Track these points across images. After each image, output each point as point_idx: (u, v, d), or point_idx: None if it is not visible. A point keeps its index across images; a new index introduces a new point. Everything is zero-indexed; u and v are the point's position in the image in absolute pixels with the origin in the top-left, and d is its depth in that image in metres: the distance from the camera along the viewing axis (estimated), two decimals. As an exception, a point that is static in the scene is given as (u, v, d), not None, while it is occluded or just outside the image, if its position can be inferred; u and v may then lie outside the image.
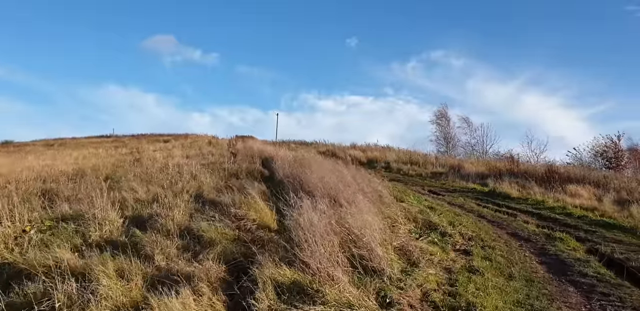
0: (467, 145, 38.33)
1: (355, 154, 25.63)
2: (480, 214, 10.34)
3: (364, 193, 7.81)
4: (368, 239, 4.87)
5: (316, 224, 4.98)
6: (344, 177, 8.77)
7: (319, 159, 12.04)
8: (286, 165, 10.12)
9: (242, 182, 9.95)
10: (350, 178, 8.99)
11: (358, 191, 7.70)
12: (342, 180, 8.58)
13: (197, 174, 10.66)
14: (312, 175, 8.26)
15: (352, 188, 7.95)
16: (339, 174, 8.93)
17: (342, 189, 7.38)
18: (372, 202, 7.66)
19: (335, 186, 7.52)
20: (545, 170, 16.82)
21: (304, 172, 8.59)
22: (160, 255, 5.26)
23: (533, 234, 8.38)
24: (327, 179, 7.99)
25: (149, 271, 4.79)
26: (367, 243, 4.83)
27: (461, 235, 7.29)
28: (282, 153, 13.78)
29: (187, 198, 8.32)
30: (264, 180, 10.98)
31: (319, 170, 9.30)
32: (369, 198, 7.63)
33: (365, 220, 5.43)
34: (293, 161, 10.78)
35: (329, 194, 7.24)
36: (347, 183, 8.40)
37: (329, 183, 7.70)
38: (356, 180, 8.92)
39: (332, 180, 8.01)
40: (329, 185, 7.64)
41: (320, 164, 10.12)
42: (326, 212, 5.68)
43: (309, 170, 9.15)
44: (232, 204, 7.32)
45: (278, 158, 12.15)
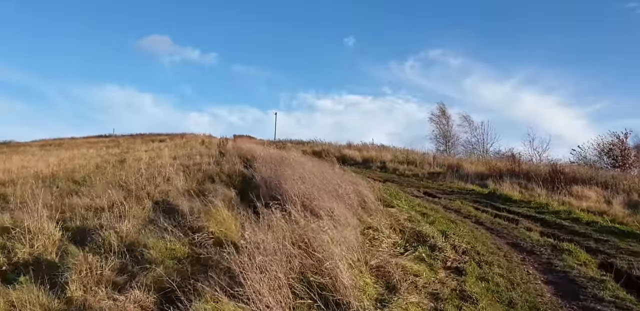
0: (467, 144, 37.30)
1: (351, 154, 24.62)
2: (478, 220, 9.31)
3: (344, 200, 6.80)
4: (331, 264, 3.86)
5: (267, 244, 3.98)
6: (327, 180, 7.76)
7: (302, 160, 11.02)
8: (265, 168, 9.10)
9: (215, 186, 8.96)
10: (334, 181, 7.97)
11: (337, 197, 6.68)
12: (324, 184, 7.57)
13: (171, 177, 9.66)
14: (288, 179, 7.25)
15: (331, 193, 6.94)
16: (321, 177, 7.91)
17: (317, 196, 6.36)
18: (354, 209, 6.65)
19: (310, 192, 6.50)
20: (549, 170, 15.77)
21: (282, 176, 7.59)
22: (77, 283, 4.25)
23: (537, 244, 7.35)
24: (302, 185, 6.98)
25: (52, 307, 3.79)
26: (330, 269, 3.82)
27: (454, 247, 6.27)
28: (264, 153, 12.76)
29: (148, 206, 7.34)
30: (243, 184, 10.00)
31: (300, 172, 8.29)
32: (350, 205, 6.62)
33: (333, 237, 4.42)
34: (273, 163, 9.76)
35: (302, 202, 6.23)
36: (328, 188, 7.39)
37: (304, 188, 6.69)
38: (339, 183, 7.90)
39: (309, 185, 7.00)
40: (305, 191, 6.62)
41: (302, 166, 9.09)
42: (284, 228, 4.66)
43: (289, 173, 8.16)
44: (191, 213, 6.31)
45: (260, 159, 11.13)
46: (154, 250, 5.12)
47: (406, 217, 7.71)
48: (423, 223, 7.38)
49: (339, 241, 4.48)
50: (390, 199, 9.76)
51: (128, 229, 5.80)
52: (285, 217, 5.49)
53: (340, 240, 4.51)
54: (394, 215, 7.70)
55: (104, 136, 49.55)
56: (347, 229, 5.29)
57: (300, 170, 8.60)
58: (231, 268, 3.80)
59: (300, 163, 9.66)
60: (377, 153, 23.97)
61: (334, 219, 5.42)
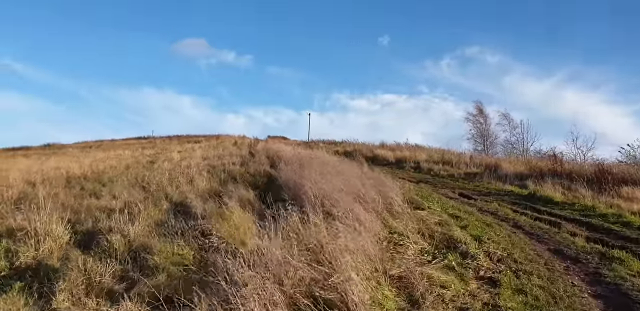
0: (507, 143, 35.90)
1: (383, 154, 24.00)
2: (516, 224, 8.60)
3: (368, 202, 6.31)
4: (340, 277, 3.38)
5: (273, 254, 3.54)
6: (350, 182, 7.28)
7: (328, 160, 10.57)
8: (289, 168, 8.70)
9: (237, 186, 8.63)
10: (359, 182, 7.49)
11: (360, 199, 6.19)
12: (347, 185, 7.10)
13: (194, 178, 9.40)
14: (309, 180, 6.82)
15: (354, 195, 6.46)
16: (345, 178, 7.44)
17: (338, 198, 5.89)
18: (378, 212, 6.15)
19: (331, 194, 6.04)
20: (594, 170, 14.71)
21: (303, 176, 7.17)
22: (66, 292, 3.93)
23: (582, 251, 6.64)
24: (324, 185, 6.53)
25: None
26: (339, 283, 3.35)
27: (488, 255, 5.67)
28: (290, 153, 12.38)
29: (164, 207, 7.06)
30: (267, 184, 9.65)
31: (322, 173, 7.85)
32: (373, 208, 6.13)
33: (348, 245, 3.94)
34: (298, 163, 9.35)
35: (322, 204, 5.78)
36: (352, 189, 6.91)
37: (325, 190, 6.24)
38: (364, 184, 7.41)
39: (331, 187, 6.54)
40: (326, 193, 6.17)
41: (326, 166, 8.65)
42: (298, 233, 4.22)
43: (310, 174, 7.73)
44: (204, 216, 5.96)
45: (285, 159, 10.75)
46: (159, 255, 4.78)
47: (437, 221, 7.14)
48: (455, 227, 6.79)
49: (355, 249, 4.00)
50: (421, 201, 9.18)
51: (137, 232, 5.50)
52: (303, 220, 5.07)
53: (356, 247, 4.03)
54: (424, 218, 7.14)
55: (142, 138, 50.69)
56: (367, 234, 4.79)
57: (324, 170, 8.16)
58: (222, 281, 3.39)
59: (324, 163, 9.22)
60: (410, 153, 23.24)
61: (353, 223, 4.94)
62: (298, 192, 6.46)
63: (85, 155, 22.68)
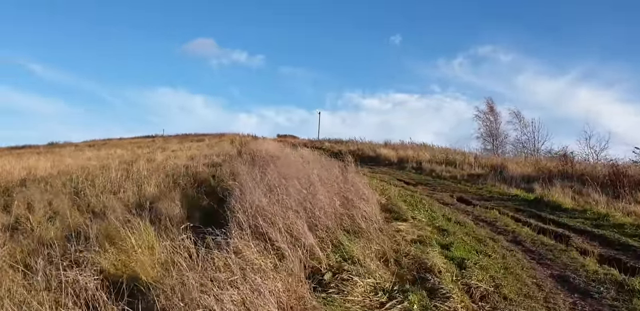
0: (517, 142, 34.01)
1: (385, 153, 22.56)
2: (516, 238, 7.16)
3: (318, 218, 4.95)
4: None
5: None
6: (312, 190, 5.93)
7: (303, 160, 9.22)
8: (250, 172, 7.34)
9: (175, 195, 7.33)
10: (323, 189, 6.13)
11: (310, 213, 4.84)
12: (307, 194, 5.76)
13: (148, 181, 8.14)
14: (253, 190, 5.49)
15: (308, 208, 5.11)
16: (312, 186, 6.09)
17: (282, 214, 4.55)
18: (329, 231, 4.80)
19: (273, 208, 4.70)
20: (608, 171, 13.10)
21: (247, 185, 5.82)
22: None
23: (594, 279, 5.20)
24: (272, 195, 5.19)
25: None
26: None
27: (468, 290, 4.28)
28: (266, 153, 11.04)
29: (68, 224, 5.76)
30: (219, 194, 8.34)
31: (286, 178, 6.52)
32: (324, 226, 4.78)
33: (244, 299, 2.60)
34: (264, 165, 8.01)
35: (256, 224, 4.46)
36: (313, 200, 5.57)
37: (266, 203, 4.90)
38: (330, 192, 6.06)
39: (281, 197, 5.21)
40: (267, 207, 4.84)
41: (293, 168, 7.31)
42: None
43: (273, 179, 6.41)
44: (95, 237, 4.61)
45: (258, 161, 9.40)
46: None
47: (415, 237, 5.76)
48: (434, 247, 5.40)
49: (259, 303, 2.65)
50: (405, 210, 7.80)
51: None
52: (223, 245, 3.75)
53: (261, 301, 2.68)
54: (399, 234, 5.76)
55: (150, 136, 50.18)
56: (294, 269, 3.45)
57: (291, 174, 6.82)
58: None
59: (296, 166, 7.87)
60: (414, 152, 21.76)
61: (281, 251, 3.60)
62: (240, 204, 5.12)
63: (79, 154, 21.67)
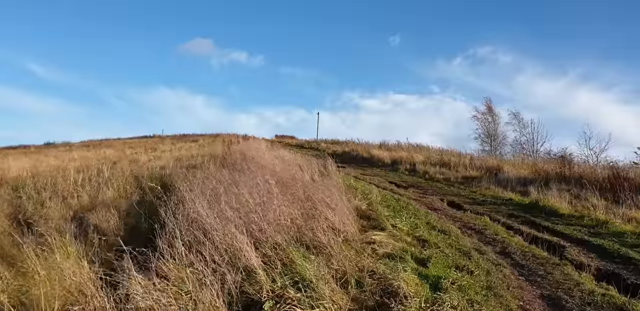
0: (516, 143, 33.22)
1: (379, 154, 21.86)
2: (505, 249, 6.46)
3: (265, 232, 4.25)
4: None
5: None
6: (274, 199, 5.21)
7: (288, 159, 8.51)
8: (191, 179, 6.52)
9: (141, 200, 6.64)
10: (285, 197, 5.43)
11: (257, 228, 4.14)
12: (266, 204, 5.05)
13: (104, 185, 7.45)
14: (194, 199, 4.78)
15: (254, 226, 4.41)
16: (269, 193, 5.38)
17: (221, 229, 3.85)
18: (279, 249, 4.11)
19: (212, 223, 4.00)
20: (608, 174, 12.35)
21: (200, 192, 5.12)
22: None
23: (591, 301, 4.49)
24: (218, 205, 4.49)
25: None
26: None
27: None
28: (239, 154, 10.34)
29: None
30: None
31: (243, 183, 5.82)
32: (273, 244, 4.08)
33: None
34: (230, 167, 7.30)
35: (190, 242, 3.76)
36: (265, 213, 4.87)
37: (206, 215, 4.19)
38: (295, 200, 5.36)
39: (226, 208, 4.50)
40: (207, 222, 4.13)
41: (260, 171, 6.60)
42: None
43: (221, 185, 5.71)
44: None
45: (229, 163, 8.67)
46: None
47: (388, 251, 5.06)
48: (408, 263, 4.70)
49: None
50: (387, 217, 7.11)
51: None
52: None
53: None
54: (370, 247, 5.07)
55: (148, 137, 49.73)
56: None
57: (250, 177, 6.12)
58: None
59: (265, 167, 7.17)
60: (408, 153, 21.03)
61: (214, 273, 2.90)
62: (175, 216, 4.39)
63: (66, 154, 21.03)
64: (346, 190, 8.84)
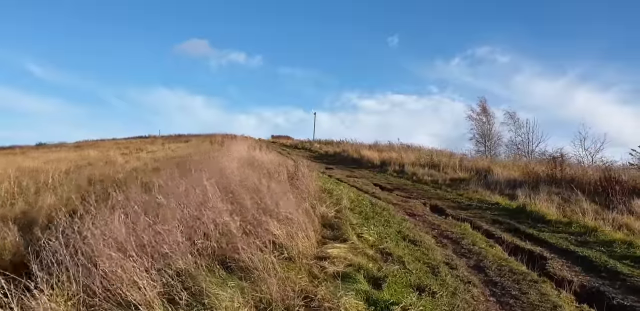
0: (511, 144, 32.50)
1: (369, 155, 21.20)
2: (480, 262, 5.80)
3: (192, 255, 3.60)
4: None
5: None
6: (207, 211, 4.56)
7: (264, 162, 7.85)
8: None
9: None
10: (226, 208, 4.77)
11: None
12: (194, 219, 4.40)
13: (49, 191, 6.81)
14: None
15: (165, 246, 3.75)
16: (204, 205, 4.73)
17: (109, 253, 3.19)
18: (189, 274, 3.46)
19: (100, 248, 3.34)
20: (600, 177, 11.70)
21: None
22: None
23: (567, 330, 3.85)
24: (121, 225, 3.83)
25: None
26: None
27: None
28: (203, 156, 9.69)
29: None
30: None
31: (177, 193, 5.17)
32: (180, 270, 3.43)
33: None
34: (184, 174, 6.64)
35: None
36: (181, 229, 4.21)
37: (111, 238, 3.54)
38: (241, 211, 4.71)
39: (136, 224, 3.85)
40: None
41: (217, 174, 5.96)
42: None
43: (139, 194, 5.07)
44: None
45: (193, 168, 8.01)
46: None
47: (340, 269, 4.41)
48: (358, 284, 4.05)
49: None
50: (354, 225, 6.45)
51: None
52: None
53: None
54: (320, 265, 4.42)
55: (143, 137, 49.12)
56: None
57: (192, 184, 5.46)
58: None
59: (223, 170, 6.52)
60: (397, 154, 20.36)
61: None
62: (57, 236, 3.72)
63: (48, 155, 20.41)
64: (317, 196, 8.21)
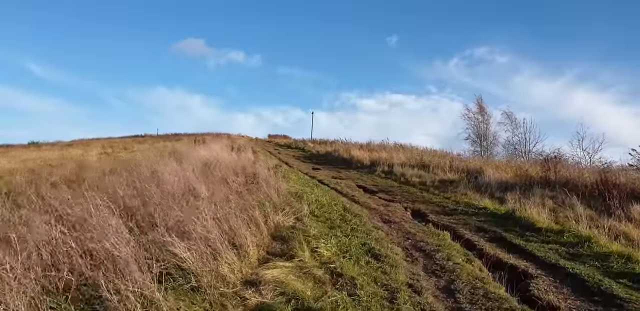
0: (508, 144, 31.48)
1: (359, 155, 20.28)
2: (451, 283, 4.87)
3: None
4: None
5: None
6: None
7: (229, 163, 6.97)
8: None
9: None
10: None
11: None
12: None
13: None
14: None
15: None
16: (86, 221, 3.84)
17: None
18: None
19: None
20: (596, 179, 10.74)
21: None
22: None
23: None
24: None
25: None
26: None
27: None
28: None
29: None
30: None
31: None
32: None
33: None
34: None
35: None
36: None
37: None
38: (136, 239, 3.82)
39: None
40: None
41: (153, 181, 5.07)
42: None
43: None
44: None
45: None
46: None
47: (264, 301, 3.51)
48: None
49: None
50: (312, 237, 5.55)
51: None
52: None
53: None
54: (238, 295, 3.52)
55: (139, 136, 48.54)
56: None
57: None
58: None
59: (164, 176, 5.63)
60: (388, 154, 19.43)
61: None
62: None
63: (30, 155, 19.63)
64: (284, 201, 7.33)
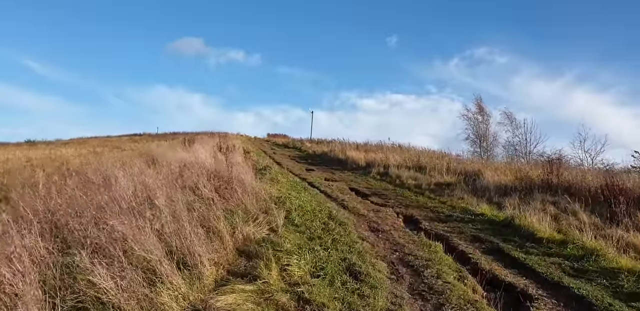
0: (508, 145, 30.81)
1: (354, 156, 19.62)
2: (440, 308, 4.22)
3: None
4: None
5: None
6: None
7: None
8: None
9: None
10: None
11: None
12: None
13: None
14: None
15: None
16: None
17: None
18: None
19: None
20: (601, 184, 10.02)
21: None
22: None
23: None
24: None
25: None
26: None
27: None
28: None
29: None
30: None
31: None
32: None
33: None
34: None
35: None
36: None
37: None
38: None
39: None
40: None
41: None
42: None
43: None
44: None
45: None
46: None
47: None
48: None
49: None
50: (284, 253, 4.89)
51: None
52: None
53: None
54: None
55: (137, 135, 48.26)
56: None
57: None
58: None
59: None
60: (384, 155, 18.76)
61: None
62: None
63: (17, 152, 19.02)
64: (261, 207, 6.67)
